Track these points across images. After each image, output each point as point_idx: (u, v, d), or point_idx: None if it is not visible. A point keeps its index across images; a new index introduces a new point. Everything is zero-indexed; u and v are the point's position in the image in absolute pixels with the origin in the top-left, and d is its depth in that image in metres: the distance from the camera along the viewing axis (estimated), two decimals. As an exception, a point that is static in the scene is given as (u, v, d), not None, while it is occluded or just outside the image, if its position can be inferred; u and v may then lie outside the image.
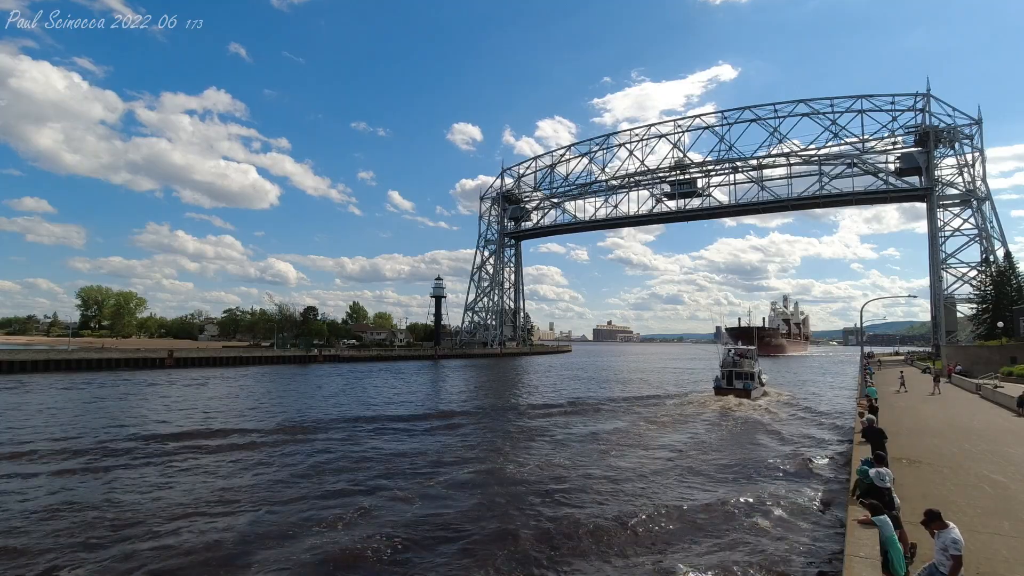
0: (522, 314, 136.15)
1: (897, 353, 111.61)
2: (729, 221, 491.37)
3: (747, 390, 39.19)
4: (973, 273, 75.14)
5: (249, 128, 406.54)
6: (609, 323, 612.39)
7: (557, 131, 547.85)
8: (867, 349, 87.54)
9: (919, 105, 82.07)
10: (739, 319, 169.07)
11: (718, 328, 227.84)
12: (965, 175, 77.86)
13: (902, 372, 39.68)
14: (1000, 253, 71.76)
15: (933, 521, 6.56)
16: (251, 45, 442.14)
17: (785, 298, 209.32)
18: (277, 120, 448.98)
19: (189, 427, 25.80)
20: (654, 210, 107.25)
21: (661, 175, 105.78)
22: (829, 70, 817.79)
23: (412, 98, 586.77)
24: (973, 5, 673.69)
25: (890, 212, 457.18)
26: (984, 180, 77.22)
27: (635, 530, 13.15)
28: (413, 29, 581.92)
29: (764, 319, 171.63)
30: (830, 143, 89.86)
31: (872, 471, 9.06)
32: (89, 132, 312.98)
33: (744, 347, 46.83)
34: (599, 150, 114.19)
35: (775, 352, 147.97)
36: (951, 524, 6.43)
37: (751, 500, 15.35)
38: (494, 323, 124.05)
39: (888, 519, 7.20)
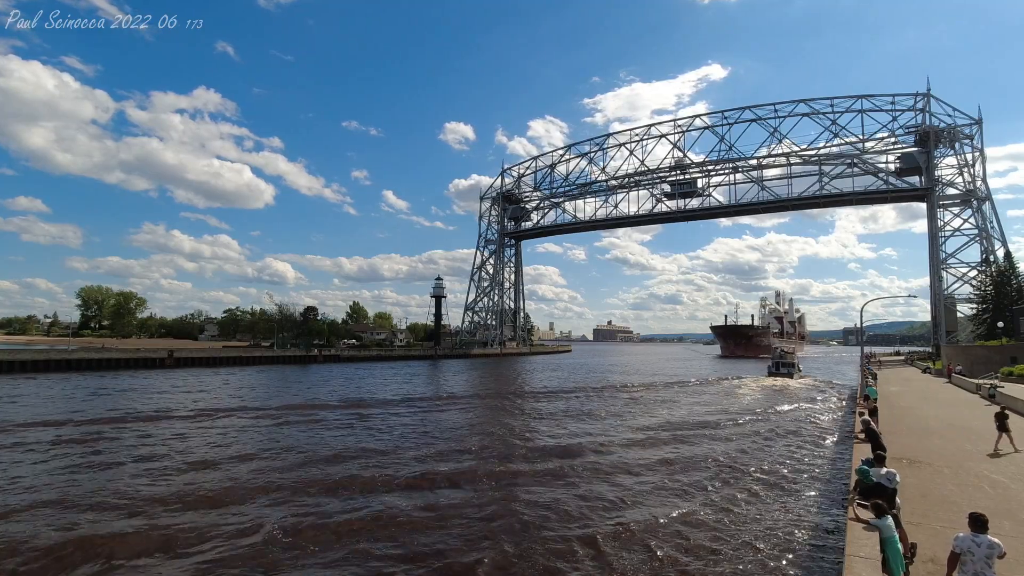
0: (522, 314, 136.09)
1: (898, 353, 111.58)
2: (725, 221, 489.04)
3: (789, 374, 62.91)
4: (973, 273, 75.00)
5: (241, 127, 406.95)
6: (609, 323, 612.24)
7: (549, 131, 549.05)
8: (867, 349, 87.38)
9: (919, 105, 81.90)
10: (725, 316, 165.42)
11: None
12: (965, 175, 77.72)
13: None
14: (1000, 253, 71.67)
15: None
16: (239, 44, 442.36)
17: (778, 295, 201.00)
18: (269, 119, 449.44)
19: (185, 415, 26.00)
20: (654, 210, 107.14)
21: (661, 175, 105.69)
22: (821, 69, 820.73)
23: (403, 97, 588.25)
24: (963, 5, 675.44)
25: (887, 212, 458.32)
26: (984, 180, 77.06)
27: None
28: (401, 28, 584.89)
29: (753, 316, 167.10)
30: (830, 143, 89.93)
31: (883, 471, 9.01)
32: (81, 131, 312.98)
33: (788, 346, 73.35)
34: (598, 150, 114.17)
35: (764, 353, 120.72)
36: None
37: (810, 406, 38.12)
38: (494, 323, 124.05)
39: (892, 521, 7.18)
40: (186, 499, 14.83)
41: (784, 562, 11.33)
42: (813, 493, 16.53)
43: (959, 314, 75.31)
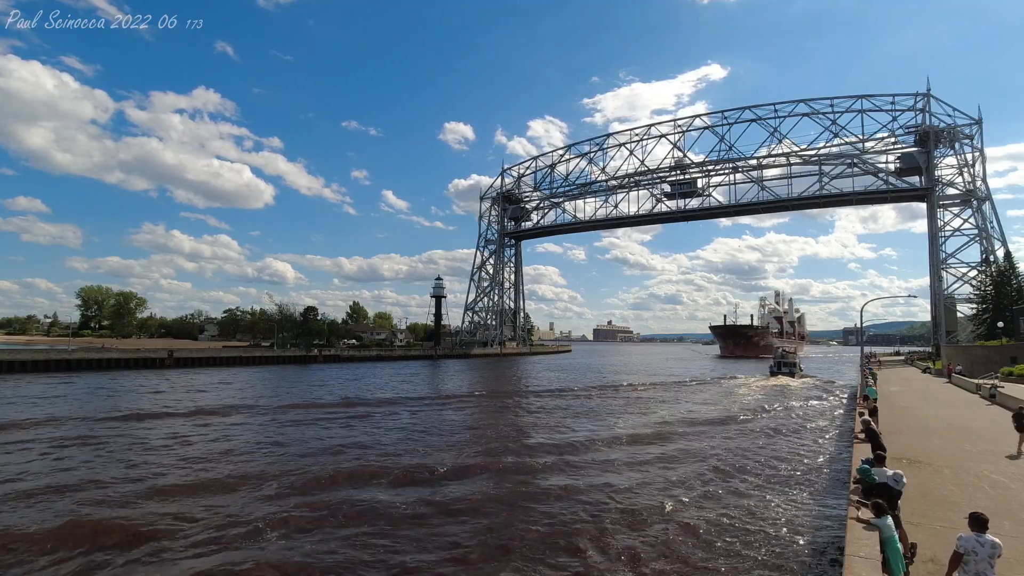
0: (522, 314, 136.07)
1: (898, 353, 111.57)
2: (725, 221, 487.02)
3: (791, 374, 63.87)
4: (973, 273, 74.99)
5: (241, 127, 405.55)
6: (609, 323, 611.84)
7: (548, 131, 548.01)
8: (867, 349, 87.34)
9: (919, 105, 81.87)
10: (724, 316, 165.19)
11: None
12: (965, 175, 77.71)
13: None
14: (1000, 253, 71.67)
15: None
16: (238, 44, 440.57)
17: (778, 294, 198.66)
18: (268, 119, 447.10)
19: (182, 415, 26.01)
20: (654, 210, 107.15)
21: (661, 175, 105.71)
22: (821, 69, 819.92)
23: (403, 97, 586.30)
24: (963, 5, 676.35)
25: (886, 212, 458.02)
26: (984, 180, 77.05)
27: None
28: (401, 28, 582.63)
29: (752, 316, 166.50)
30: (830, 143, 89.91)
31: (890, 472, 9.01)
32: (80, 131, 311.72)
33: (789, 347, 76.73)
34: (598, 150, 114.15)
35: (763, 353, 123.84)
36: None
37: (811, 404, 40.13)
38: (494, 323, 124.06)
39: (891, 521, 7.18)
40: (185, 498, 14.87)
41: (783, 561, 11.33)
42: (813, 493, 16.53)
43: (959, 314, 75.29)
